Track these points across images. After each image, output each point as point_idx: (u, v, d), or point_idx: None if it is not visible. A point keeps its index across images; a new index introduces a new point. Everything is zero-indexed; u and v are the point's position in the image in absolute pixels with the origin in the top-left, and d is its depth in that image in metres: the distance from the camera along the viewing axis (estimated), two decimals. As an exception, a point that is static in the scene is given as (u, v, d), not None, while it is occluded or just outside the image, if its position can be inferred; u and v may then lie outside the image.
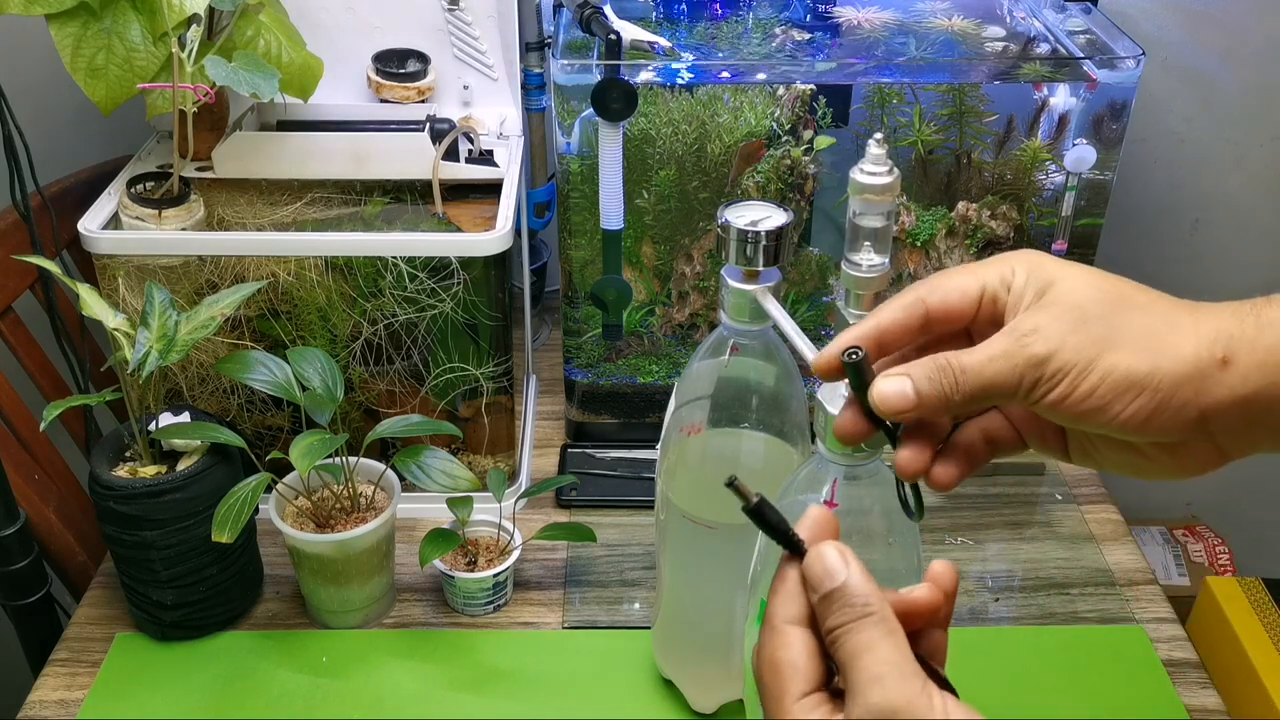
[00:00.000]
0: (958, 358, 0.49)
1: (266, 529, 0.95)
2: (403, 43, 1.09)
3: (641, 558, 1.02)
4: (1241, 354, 0.47)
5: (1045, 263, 0.52)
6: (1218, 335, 0.48)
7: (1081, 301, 0.49)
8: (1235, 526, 1.64)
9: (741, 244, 0.69)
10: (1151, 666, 0.92)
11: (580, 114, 0.99)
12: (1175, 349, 0.48)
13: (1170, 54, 1.37)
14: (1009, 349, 0.49)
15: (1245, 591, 1.40)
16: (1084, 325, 0.49)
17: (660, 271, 1.09)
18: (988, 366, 0.49)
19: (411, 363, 0.99)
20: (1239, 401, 0.47)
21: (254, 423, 1.02)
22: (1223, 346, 0.48)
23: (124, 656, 0.92)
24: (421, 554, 0.90)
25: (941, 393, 0.49)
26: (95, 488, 0.87)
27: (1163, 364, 0.48)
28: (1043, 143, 1.03)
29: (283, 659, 0.91)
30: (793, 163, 1.04)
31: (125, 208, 0.97)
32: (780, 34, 1.13)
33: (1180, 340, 0.48)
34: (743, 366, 0.74)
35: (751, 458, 0.77)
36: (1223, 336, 0.48)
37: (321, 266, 0.95)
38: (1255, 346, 0.47)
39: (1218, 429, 0.48)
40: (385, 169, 1.02)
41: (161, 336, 0.85)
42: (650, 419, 1.14)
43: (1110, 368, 0.48)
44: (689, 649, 0.86)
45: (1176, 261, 1.49)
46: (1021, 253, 0.53)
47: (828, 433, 0.58)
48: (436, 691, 0.89)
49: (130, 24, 0.93)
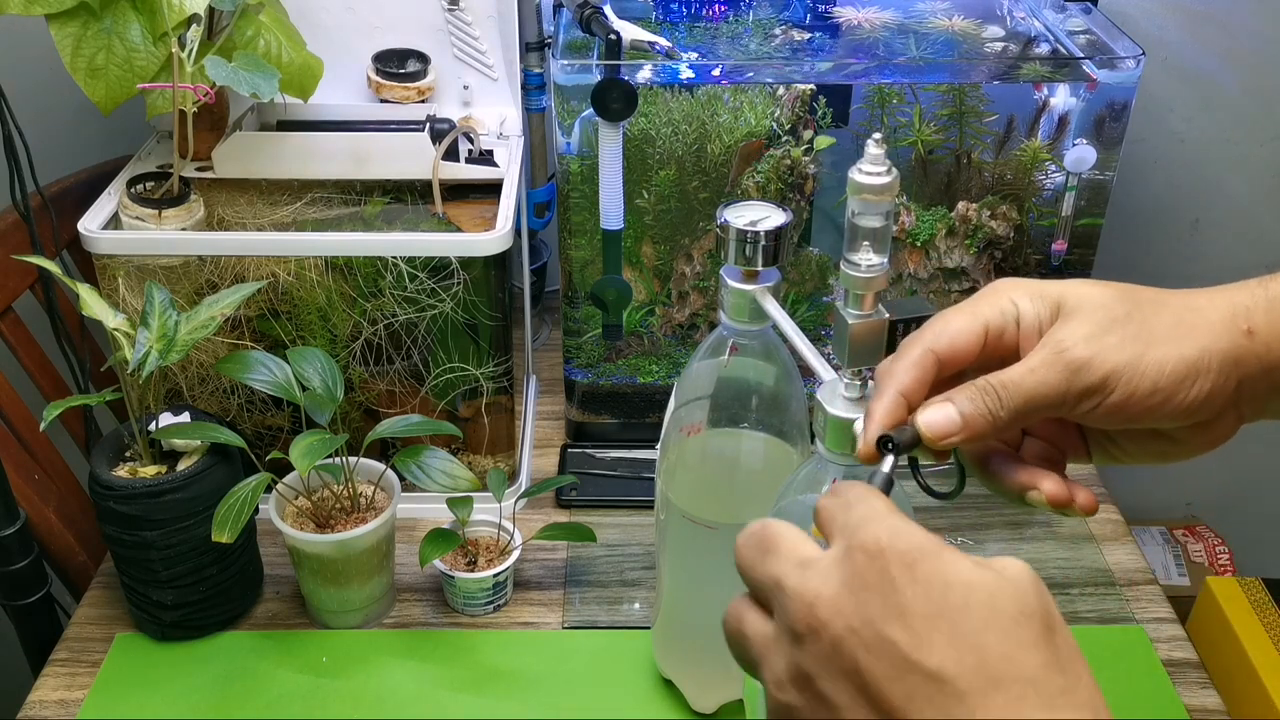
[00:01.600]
0: (996, 376, 0.50)
1: (266, 529, 0.95)
2: (403, 43, 1.09)
3: (641, 558, 1.02)
4: (1261, 325, 0.50)
5: (1039, 286, 0.52)
6: (1235, 309, 0.50)
7: (1102, 304, 0.50)
8: (1235, 526, 1.64)
9: (741, 244, 0.69)
10: (1151, 666, 0.91)
11: (580, 114, 0.99)
12: (1210, 327, 0.50)
13: (1170, 54, 1.37)
14: (1047, 359, 0.49)
15: (1245, 591, 1.40)
16: (1116, 325, 0.49)
17: (660, 271, 1.09)
18: (1029, 378, 0.49)
19: (411, 363, 0.99)
20: (1265, 369, 0.50)
21: (254, 423, 1.02)
22: (1244, 319, 0.50)
23: (124, 656, 0.92)
24: (421, 554, 0.90)
25: (986, 412, 0.49)
26: (95, 488, 0.87)
27: (1208, 344, 0.49)
28: (1043, 143, 1.03)
29: (283, 659, 0.91)
30: (793, 163, 1.04)
31: (125, 208, 0.97)
32: (780, 34, 1.13)
33: (1210, 319, 0.50)
34: (742, 366, 0.74)
35: (751, 458, 0.77)
36: (1240, 310, 0.50)
37: (321, 266, 0.95)
38: (1271, 317, 0.50)
39: (1245, 396, 0.50)
40: (385, 169, 1.02)
41: (161, 336, 0.85)
42: (650, 419, 1.14)
43: (1162, 359, 0.49)
44: (689, 649, 0.86)
45: (1176, 261, 1.49)
46: (1004, 284, 0.53)
47: (827, 432, 0.58)
48: (436, 691, 0.89)
49: (130, 24, 0.93)
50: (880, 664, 0.37)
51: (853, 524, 0.41)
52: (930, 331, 0.52)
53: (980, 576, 0.39)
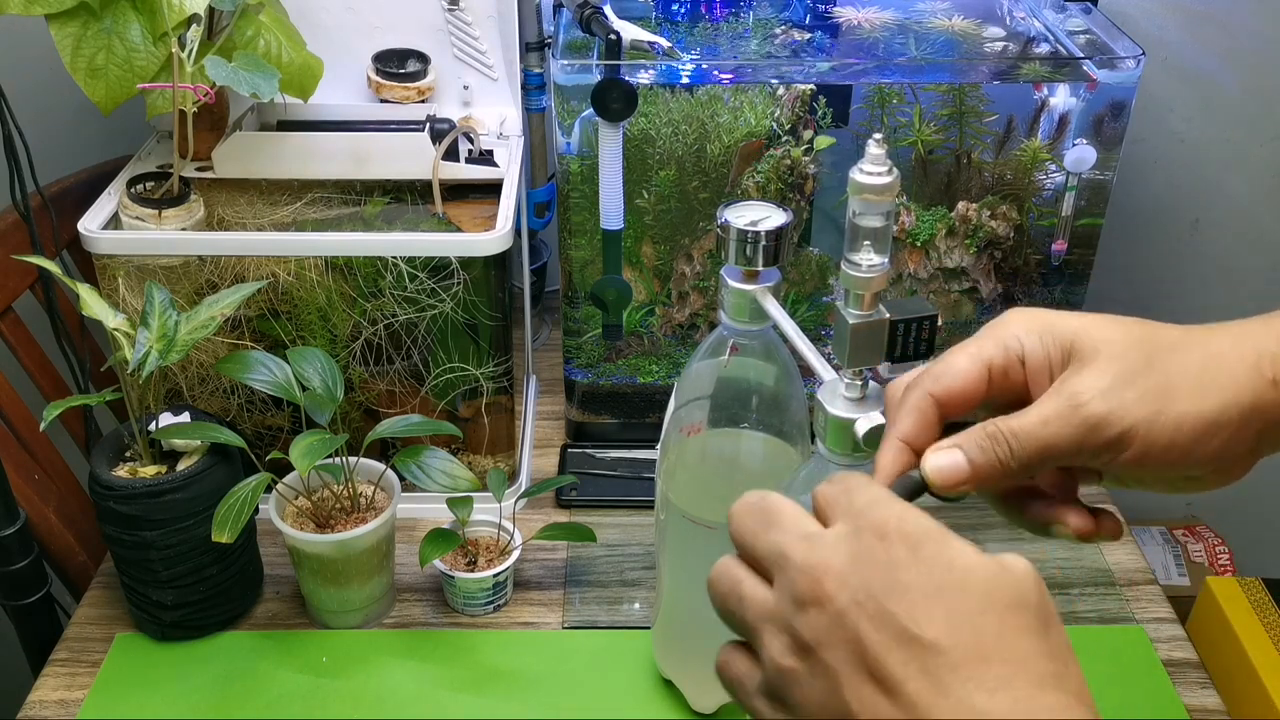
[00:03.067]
0: (1007, 423, 0.48)
1: (266, 529, 0.95)
2: (403, 43, 1.09)
3: (641, 558, 1.02)
4: None
5: (1050, 320, 0.50)
6: (1259, 355, 0.48)
7: (1119, 352, 0.48)
8: (1235, 526, 1.64)
9: (741, 244, 0.69)
10: (1151, 666, 0.92)
11: (580, 114, 0.99)
12: (1233, 380, 0.48)
13: (1170, 54, 1.37)
14: (1062, 411, 0.48)
15: (1245, 591, 1.40)
16: (1134, 378, 0.48)
17: (660, 271, 1.09)
18: (1043, 430, 0.48)
19: (411, 363, 0.99)
20: None
21: (254, 423, 1.02)
22: (1269, 367, 0.48)
23: (124, 656, 0.92)
24: (421, 554, 0.90)
25: (996, 461, 0.48)
26: (95, 488, 0.87)
27: (1229, 399, 0.48)
28: (1043, 143, 1.03)
29: (283, 659, 0.91)
30: (793, 163, 1.04)
31: (125, 208, 0.97)
32: (780, 34, 1.13)
33: (1232, 370, 0.48)
34: (742, 366, 0.74)
35: (751, 458, 0.77)
36: (1265, 355, 0.48)
37: (321, 266, 0.95)
38: None
39: (1265, 441, 0.49)
40: (385, 169, 1.02)
41: (161, 336, 0.85)
42: (650, 419, 1.14)
43: (1181, 416, 0.47)
44: (689, 649, 0.86)
45: (1176, 261, 1.49)
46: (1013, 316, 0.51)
47: (828, 432, 0.58)
48: (436, 691, 0.89)
49: (130, 24, 0.93)
50: (880, 635, 0.39)
51: (859, 506, 0.43)
52: (930, 374, 0.51)
53: (982, 562, 0.40)
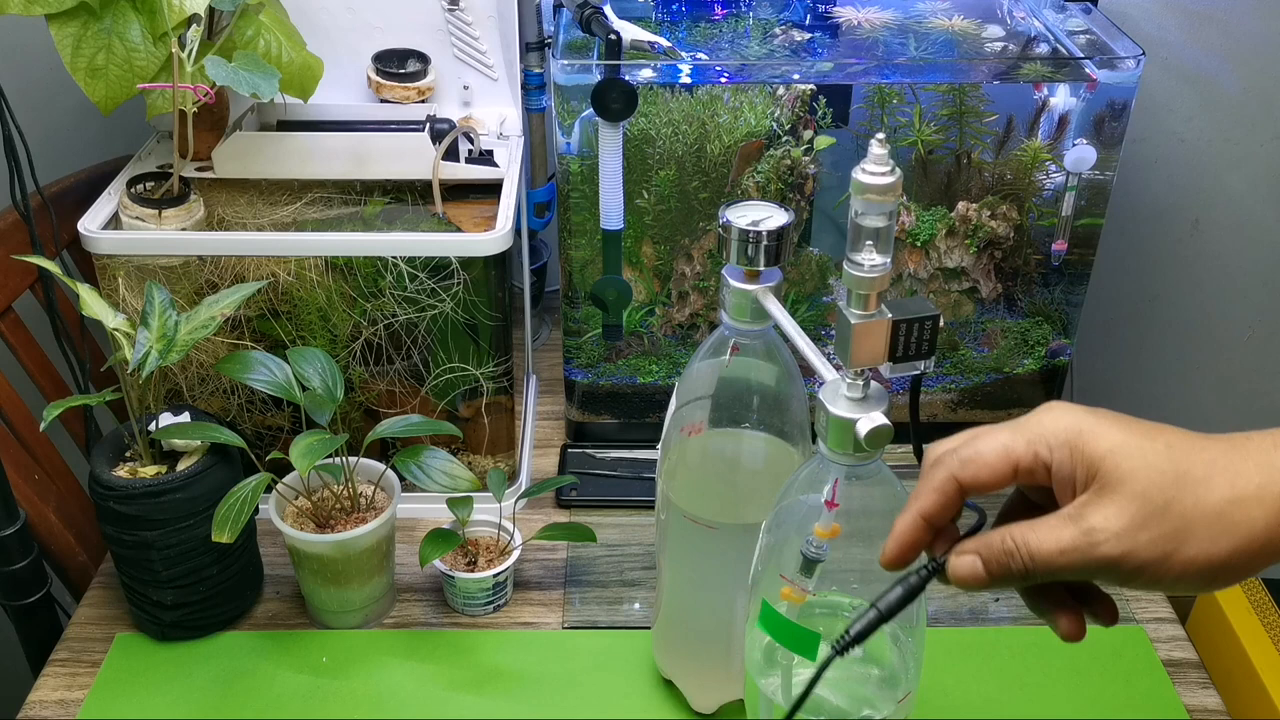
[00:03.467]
0: (1026, 543, 0.51)
1: (266, 529, 0.95)
2: (403, 43, 1.09)
3: (641, 558, 1.02)
4: None
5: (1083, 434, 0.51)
6: None
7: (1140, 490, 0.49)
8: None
9: (743, 244, 0.69)
10: (1151, 666, 0.92)
11: (580, 114, 0.99)
12: (1250, 526, 0.48)
13: (1170, 54, 1.37)
14: (1079, 544, 0.50)
15: (1245, 591, 1.40)
16: (1152, 520, 0.49)
17: (660, 271, 1.09)
18: (1058, 559, 0.50)
19: (411, 363, 0.99)
20: None
21: (254, 423, 1.02)
22: None
23: (124, 656, 0.92)
24: (421, 554, 0.90)
25: (1010, 574, 0.51)
26: (95, 488, 0.87)
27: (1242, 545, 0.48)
28: (1043, 143, 1.03)
29: (283, 659, 0.91)
30: (793, 163, 1.04)
31: (125, 208, 0.97)
32: (780, 34, 1.13)
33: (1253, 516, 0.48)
34: (743, 366, 0.74)
35: (752, 458, 0.77)
36: None
37: (321, 266, 0.95)
38: None
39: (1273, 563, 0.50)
40: (385, 169, 1.02)
41: (161, 336, 0.85)
42: (650, 419, 1.14)
43: (1190, 560, 0.49)
44: (689, 649, 0.86)
45: (1176, 261, 1.49)
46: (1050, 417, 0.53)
47: (829, 432, 0.58)
48: (436, 691, 0.89)
49: (130, 24, 0.93)
50: None
51: None
52: (959, 458, 0.53)
53: None
